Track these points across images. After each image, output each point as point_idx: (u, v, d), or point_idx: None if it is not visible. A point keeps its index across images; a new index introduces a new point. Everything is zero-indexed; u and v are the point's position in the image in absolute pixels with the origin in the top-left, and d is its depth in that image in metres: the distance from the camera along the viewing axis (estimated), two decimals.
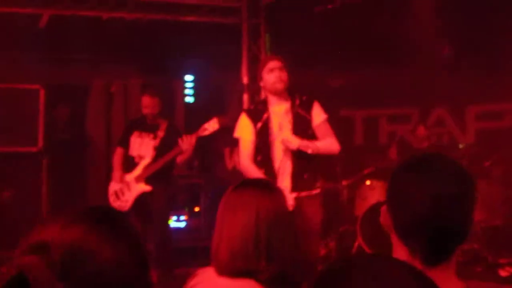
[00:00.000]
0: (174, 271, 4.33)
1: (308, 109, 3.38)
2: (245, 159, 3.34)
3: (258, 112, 3.38)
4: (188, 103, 6.57)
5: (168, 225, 4.52)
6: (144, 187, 4.30)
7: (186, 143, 4.09)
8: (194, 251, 5.12)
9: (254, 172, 3.26)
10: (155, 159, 4.30)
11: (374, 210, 4.82)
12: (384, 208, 1.18)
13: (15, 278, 0.72)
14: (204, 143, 6.23)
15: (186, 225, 5.48)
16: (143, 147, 4.39)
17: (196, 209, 5.55)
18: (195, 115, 6.33)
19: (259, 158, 3.31)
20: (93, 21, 5.05)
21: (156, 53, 5.95)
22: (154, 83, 6.50)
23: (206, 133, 4.13)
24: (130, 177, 4.35)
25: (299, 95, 3.41)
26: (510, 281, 4.28)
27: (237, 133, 3.40)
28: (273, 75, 3.29)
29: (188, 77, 6.53)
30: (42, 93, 5.24)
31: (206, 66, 6.23)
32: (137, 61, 6.24)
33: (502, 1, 4.99)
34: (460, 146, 5.45)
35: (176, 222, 5.44)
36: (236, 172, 5.84)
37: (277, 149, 3.28)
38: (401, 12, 5.33)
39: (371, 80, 6.39)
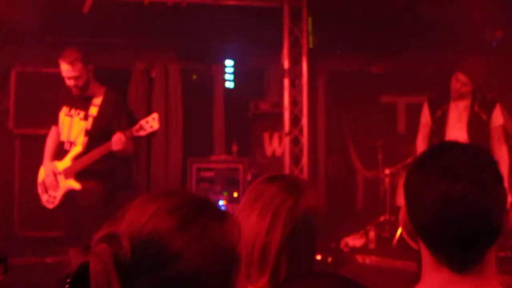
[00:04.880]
0: None
1: (489, 110, 3.88)
2: (419, 140, 4.14)
3: (440, 103, 4.03)
4: (228, 89, 6.53)
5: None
6: (72, 184, 3.52)
7: (117, 143, 3.31)
8: None
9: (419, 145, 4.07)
10: (87, 148, 3.46)
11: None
12: (403, 209, 1.08)
13: (84, 266, 0.72)
14: (243, 128, 6.20)
15: (225, 210, 5.48)
16: (72, 129, 3.53)
17: (235, 194, 5.54)
18: (235, 100, 6.30)
19: (434, 141, 3.92)
20: (134, 5, 5.07)
21: (196, 38, 5.92)
22: (193, 68, 6.50)
23: (142, 133, 3.34)
24: (60, 168, 3.57)
25: (483, 94, 3.95)
26: None
27: (421, 118, 4.16)
28: (455, 85, 3.89)
29: (229, 62, 6.48)
30: None
31: (247, 51, 6.16)
32: (177, 46, 6.24)
33: None
34: None
35: None
36: (275, 158, 5.79)
37: (449, 139, 3.78)
38: None
39: (415, 65, 6.17)
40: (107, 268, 0.72)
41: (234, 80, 6.49)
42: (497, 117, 3.92)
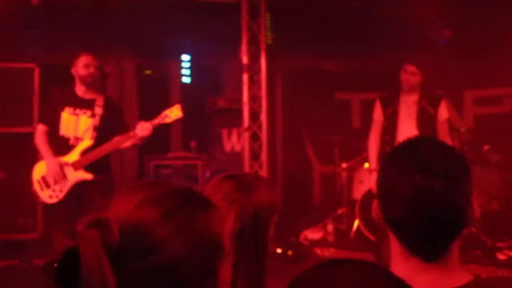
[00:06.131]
0: None
1: (435, 105, 4.05)
2: (371, 136, 4.23)
3: (390, 100, 4.16)
4: (185, 84, 6.47)
5: None
6: (84, 175, 3.77)
7: (144, 130, 3.67)
8: None
9: (371, 147, 4.17)
10: (97, 142, 3.78)
11: (373, 193, 4.82)
12: (375, 202, 1.12)
13: (71, 250, 0.72)
14: (201, 124, 6.17)
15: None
16: (79, 126, 3.84)
17: None
18: (192, 96, 6.25)
19: (386, 137, 4.10)
20: None
21: (151, 33, 5.82)
22: (148, 64, 6.40)
23: (168, 120, 3.73)
24: (65, 162, 3.80)
25: (430, 91, 4.11)
26: (508, 265, 4.30)
27: (373, 114, 4.25)
28: (405, 76, 4.03)
29: (185, 57, 6.42)
30: (37, 72, 5.13)
31: (203, 47, 6.12)
32: (132, 41, 6.12)
33: None
34: (462, 130, 5.43)
35: None
36: (234, 154, 5.79)
37: (400, 133, 3.99)
38: None
39: (368, 63, 6.32)
40: (97, 252, 0.71)
41: (191, 76, 6.44)
42: (443, 112, 4.10)
